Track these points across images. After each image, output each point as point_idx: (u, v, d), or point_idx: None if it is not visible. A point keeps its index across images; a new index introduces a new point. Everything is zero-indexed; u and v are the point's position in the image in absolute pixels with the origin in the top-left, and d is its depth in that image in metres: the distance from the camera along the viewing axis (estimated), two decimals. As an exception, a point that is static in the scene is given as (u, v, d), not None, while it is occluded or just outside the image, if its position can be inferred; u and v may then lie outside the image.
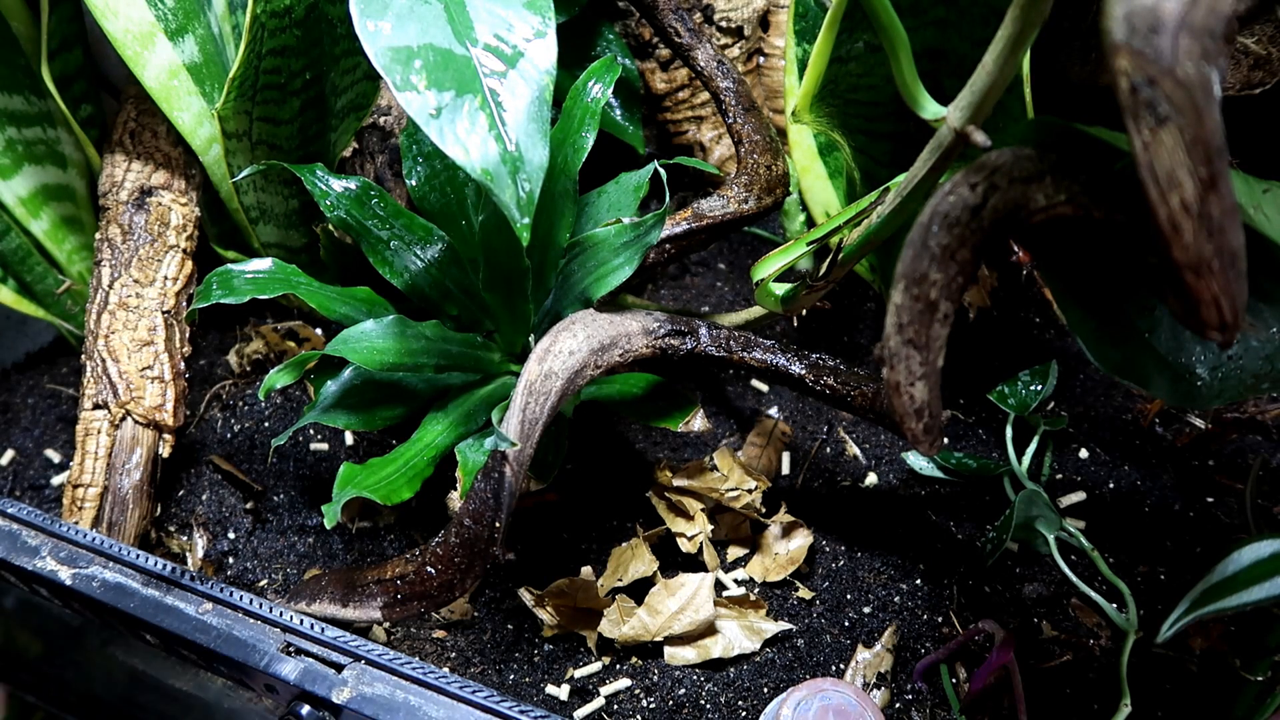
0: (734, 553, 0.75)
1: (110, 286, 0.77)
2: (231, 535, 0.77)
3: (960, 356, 0.85)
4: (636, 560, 0.72)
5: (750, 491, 0.73)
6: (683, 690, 0.68)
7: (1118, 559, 0.73)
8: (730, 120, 0.78)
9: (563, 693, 0.68)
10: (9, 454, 0.86)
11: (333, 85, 0.80)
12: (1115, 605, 0.69)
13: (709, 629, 0.69)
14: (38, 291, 0.86)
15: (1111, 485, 0.78)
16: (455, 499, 0.75)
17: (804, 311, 0.90)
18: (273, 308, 0.92)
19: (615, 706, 0.67)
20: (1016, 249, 0.91)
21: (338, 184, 0.72)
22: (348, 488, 0.63)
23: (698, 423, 0.69)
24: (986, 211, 0.39)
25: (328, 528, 0.66)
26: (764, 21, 0.96)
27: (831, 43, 0.65)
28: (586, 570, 0.71)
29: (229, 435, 0.84)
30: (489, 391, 0.74)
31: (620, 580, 0.71)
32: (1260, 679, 0.63)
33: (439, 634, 0.72)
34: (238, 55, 0.68)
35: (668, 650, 0.69)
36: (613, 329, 0.64)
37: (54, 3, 0.75)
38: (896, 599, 0.72)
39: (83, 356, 0.77)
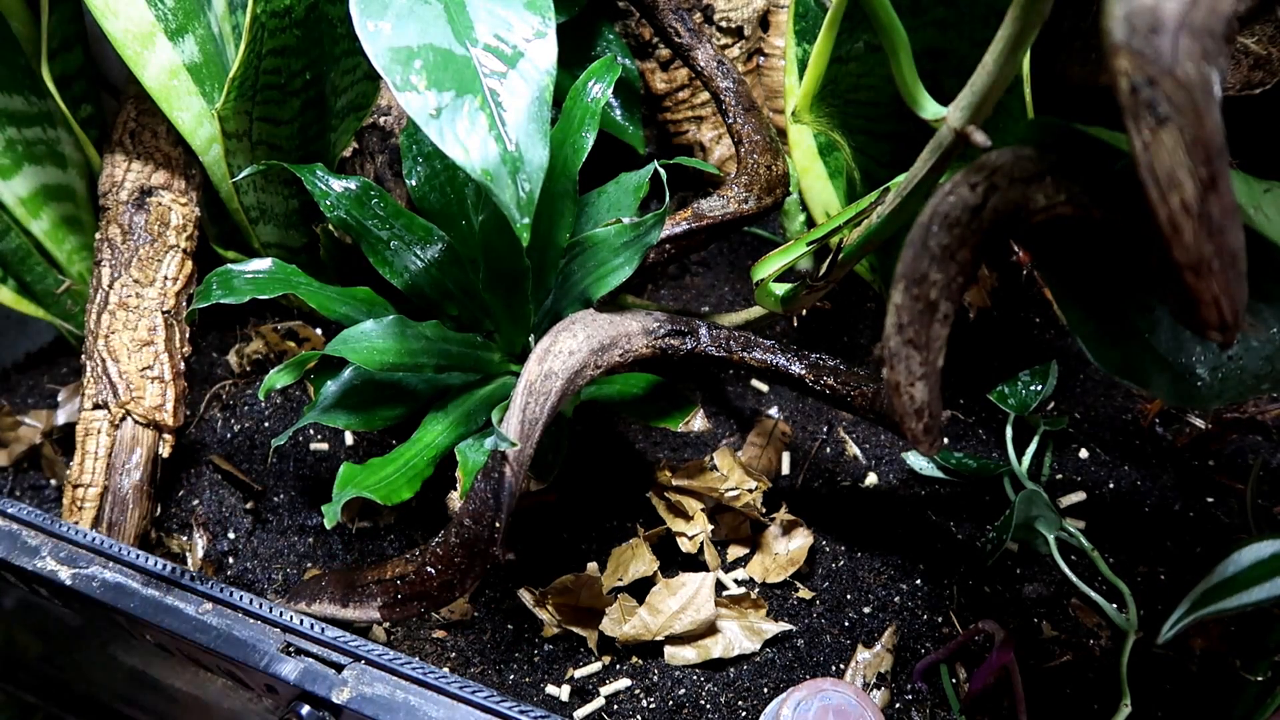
0: (734, 553, 0.75)
1: (110, 286, 0.77)
2: (231, 535, 0.77)
3: (960, 356, 0.85)
4: (637, 560, 0.72)
5: (750, 491, 0.73)
6: (683, 690, 0.68)
7: (1118, 559, 0.73)
8: (730, 120, 0.78)
9: (563, 693, 0.68)
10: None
11: (333, 85, 0.80)
12: (1115, 605, 0.69)
13: (710, 629, 0.69)
14: (38, 291, 0.86)
15: (1111, 485, 0.78)
16: (455, 499, 0.75)
17: (804, 311, 0.90)
18: (273, 308, 0.92)
19: (615, 706, 0.67)
20: (1016, 249, 0.91)
21: (338, 184, 0.72)
22: (348, 488, 0.63)
23: (698, 423, 0.69)
24: (986, 211, 0.39)
25: (328, 528, 0.66)
26: (764, 21, 0.96)
27: (831, 43, 0.65)
28: (592, 566, 0.71)
29: (229, 435, 0.84)
30: (489, 391, 0.74)
31: (621, 580, 0.71)
32: (1260, 679, 0.63)
33: (439, 634, 0.72)
34: (238, 55, 0.68)
35: (668, 650, 0.69)
36: (613, 329, 0.64)
37: (54, 3, 0.75)
38: (896, 599, 0.72)
39: (83, 356, 0.77)
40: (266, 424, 0.84)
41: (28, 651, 0.78)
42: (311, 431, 0.84)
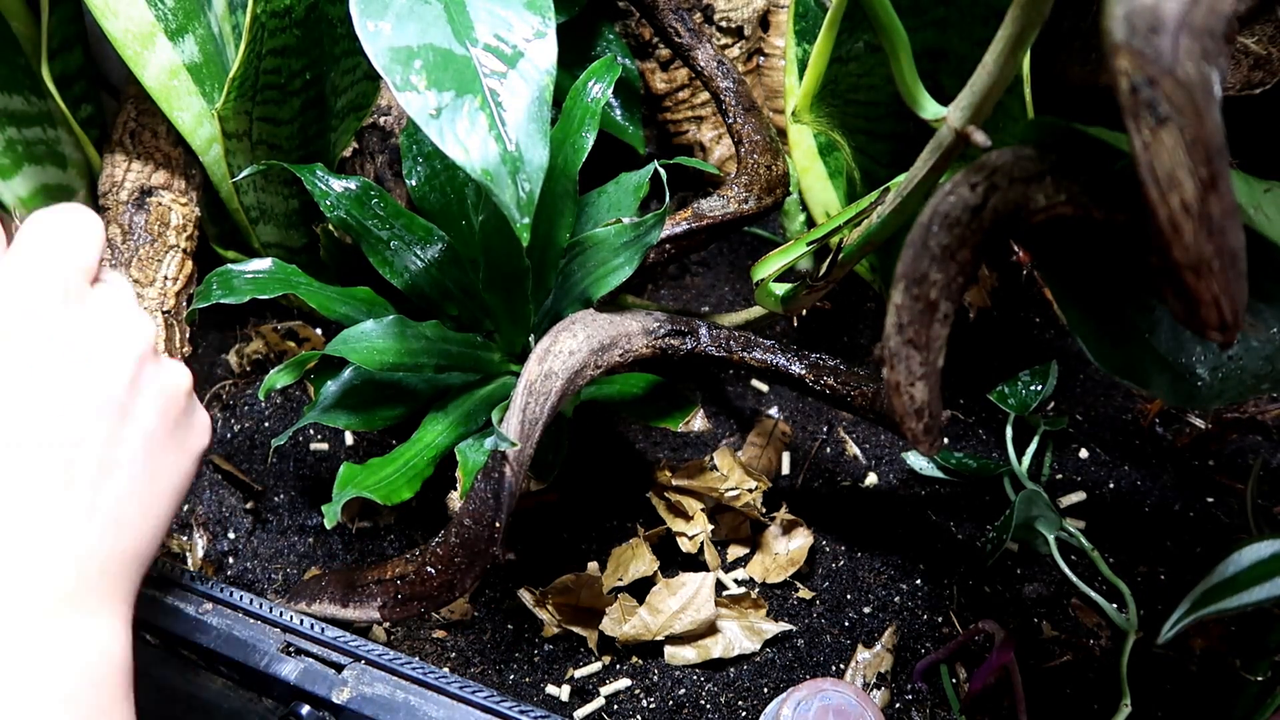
0: (734, 552, 0.75)
1: (110, 286, 0.77)
2: (231, 535, 0.77)
3: (960, 356, 0.85)
4: (637, 560, 0.72)
5: (750, 491, 0.73)
6: (683, 690, 0.68)
7: (1118, 559, 0.73)
8: (730, 120, 0.78)
9: (563, 693, 0.68)
10: (9, 454, 0.86)
11: (333, 85, 0.80)
12: (1115, 605, 0.69)
13: (710, 629, 0.69)
14: (38, 291, 0.86)
15: (1111, 485, 0.78)
16: (455, 499, 0.75)
17: (804, 311, 0.90)
18: (273, 308, 0.92)
19: (615, 706, 0.67)
20: (1016, 249, 0.91)
21: (338, 184, 0.72)
22: (348, 488, 0.63)
23: (698, 423, 0.69)
24: (987, 211, 0.39)
25: (328, 528, 0.66)
26: (764, 21, 0.96)
27: (831, 43, 0.65)
28: (593, 566, 0.71)
29: (229, 435, 0.84)
30: (489, 391, 0.74)
31: (620, 580, 0.71)
32: (1260, 679, 0.63)
33: (439, 634, 0.72)
34: (238, 55, 0.68)
35: (668, 650, 0.69)
36: (613, 329, 0.64)
37: (54, 3, 0.75)
38: (896, 599, 0.72)
39: (83, 356, 0.77)
40: (266, 424, 0.84)
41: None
42: (311, 431, 0.84)
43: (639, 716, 0.67)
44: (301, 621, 0.59)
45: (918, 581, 0.73)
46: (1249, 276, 0.32)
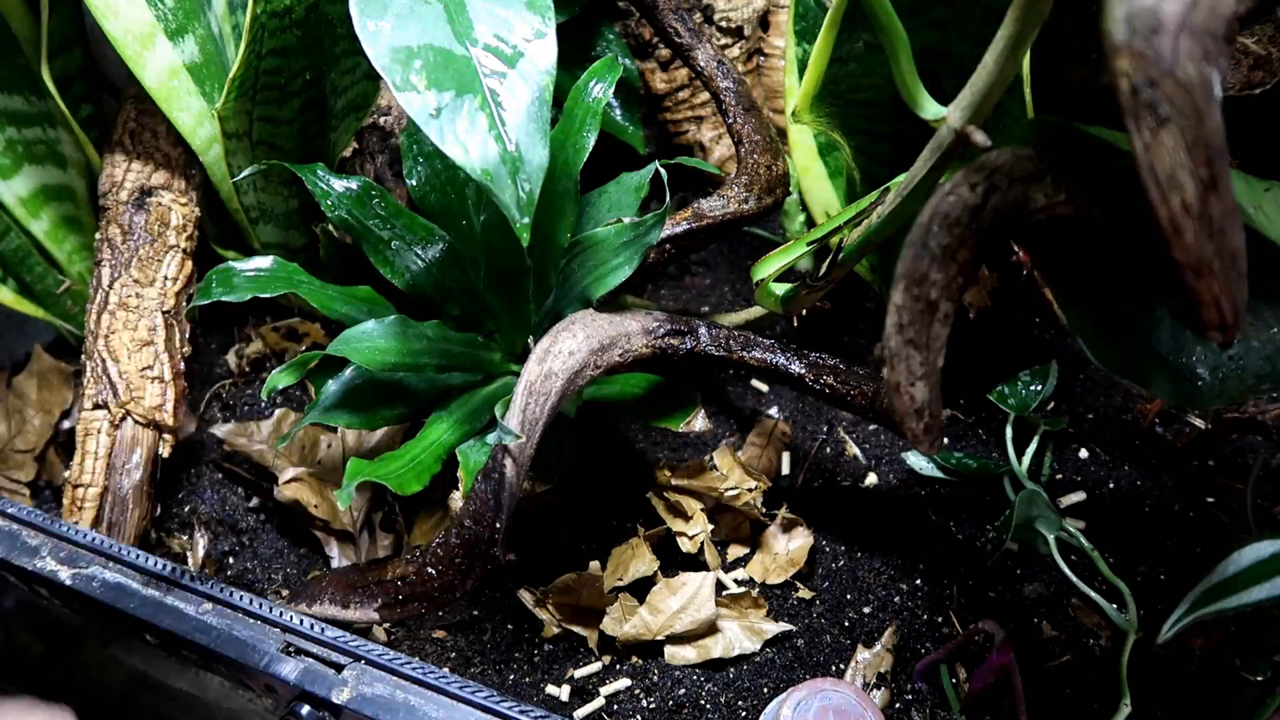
0: (734, 552, 0.75)
1: (110, 286, 0.77)
2: (232, 535, 0.77)
3: (960, 356, 0.85)
4: (637, 560, 0.72)
5: (750, 491, 0.73)
6: (683, 690, 0.68)
7: (1118, 559, 0.73)
8: (730, 120, 0.78)
9: (563, 693, 0.68)
10: (9, 454, 0.86)
11: (333, 85, 0.80)
12: (1115, 605, 0.69)
13: (710, 628, 0.69)
14: (38, 291, 0.86)
15: (1111, 485, 0.78)
16: (457, 499, 0.75)
17: (804, 311, 0.90)
18: (272, 308, 0.92)
19: (615, 706, 0.67)
20: (1016, 249, 0.91)
21: (339, 184, 0.72)
22: (358, 478, 0.63)
23: (698, 423, 0.69)
24: (987, 211, 0.39)
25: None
26: (764, 21, 0.96)
27: (831, 43, 0.65)
28: (594, 565, 0.71)
29: (229, 435, 0.84)
30: (490, 391, 0.74)
31: (621, 580, 0.71)
32: (1260, 679, 0.63)
33: (439, 634, 0.72)
34: (238, 55, 0.68)
35: (668, 650, 0.69)
36: (613, 329, 0.64)
37: (54, 3, 0.75)
38: (896, 599, 0.72)
39: (83, 356, 0.77)
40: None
41: (28, 651, 0.78)
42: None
43: (639, 716, 0.67)
44: (301, 621, 0.59)
45: (918, 581, 0.73)
46: (1249, 276, 0.32)
